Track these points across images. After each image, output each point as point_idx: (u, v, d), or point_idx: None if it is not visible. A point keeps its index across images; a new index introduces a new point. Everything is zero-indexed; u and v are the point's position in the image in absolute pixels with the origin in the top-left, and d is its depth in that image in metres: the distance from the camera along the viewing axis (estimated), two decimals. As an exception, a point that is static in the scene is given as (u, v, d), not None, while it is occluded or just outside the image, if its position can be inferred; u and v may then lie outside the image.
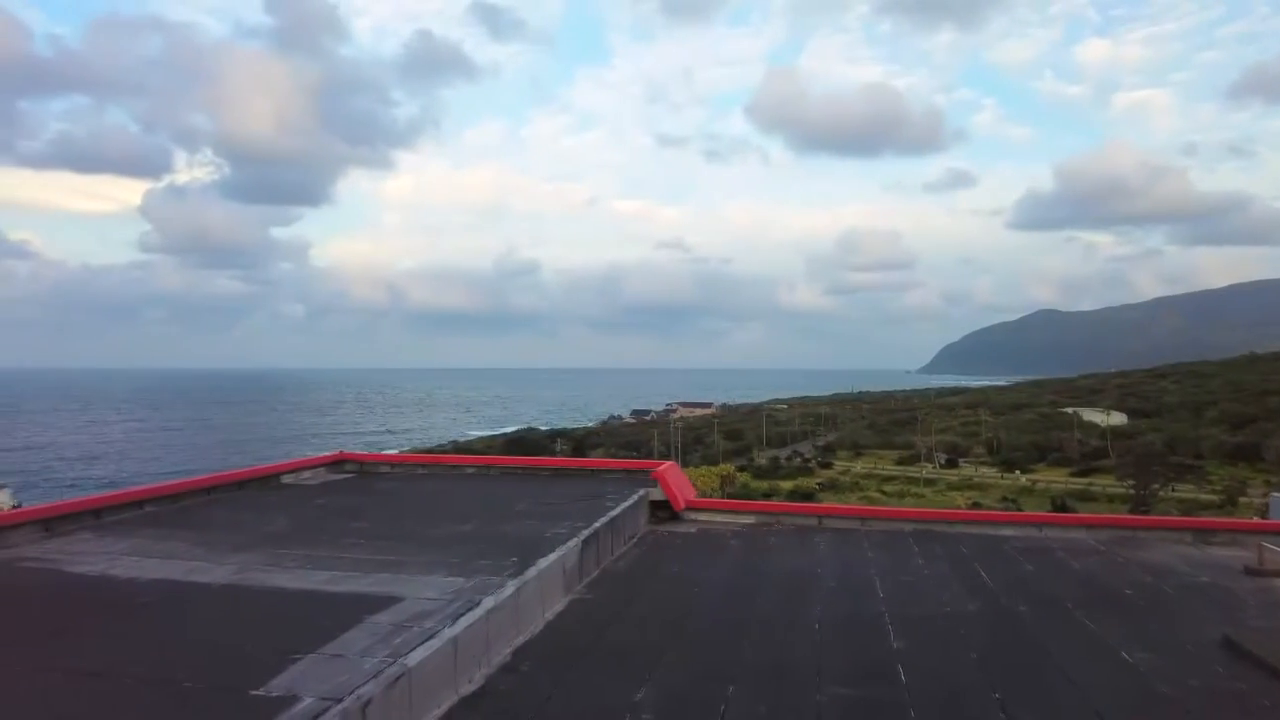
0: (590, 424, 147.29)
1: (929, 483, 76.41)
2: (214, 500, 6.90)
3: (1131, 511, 48.85)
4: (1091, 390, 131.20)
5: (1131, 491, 60.99)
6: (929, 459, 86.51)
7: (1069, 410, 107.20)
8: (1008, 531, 6.98)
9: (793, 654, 4.07)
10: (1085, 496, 64.78)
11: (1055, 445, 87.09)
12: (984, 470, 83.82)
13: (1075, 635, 4.40)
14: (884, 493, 70.40)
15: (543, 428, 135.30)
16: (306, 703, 2.77)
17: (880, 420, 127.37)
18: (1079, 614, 4.73)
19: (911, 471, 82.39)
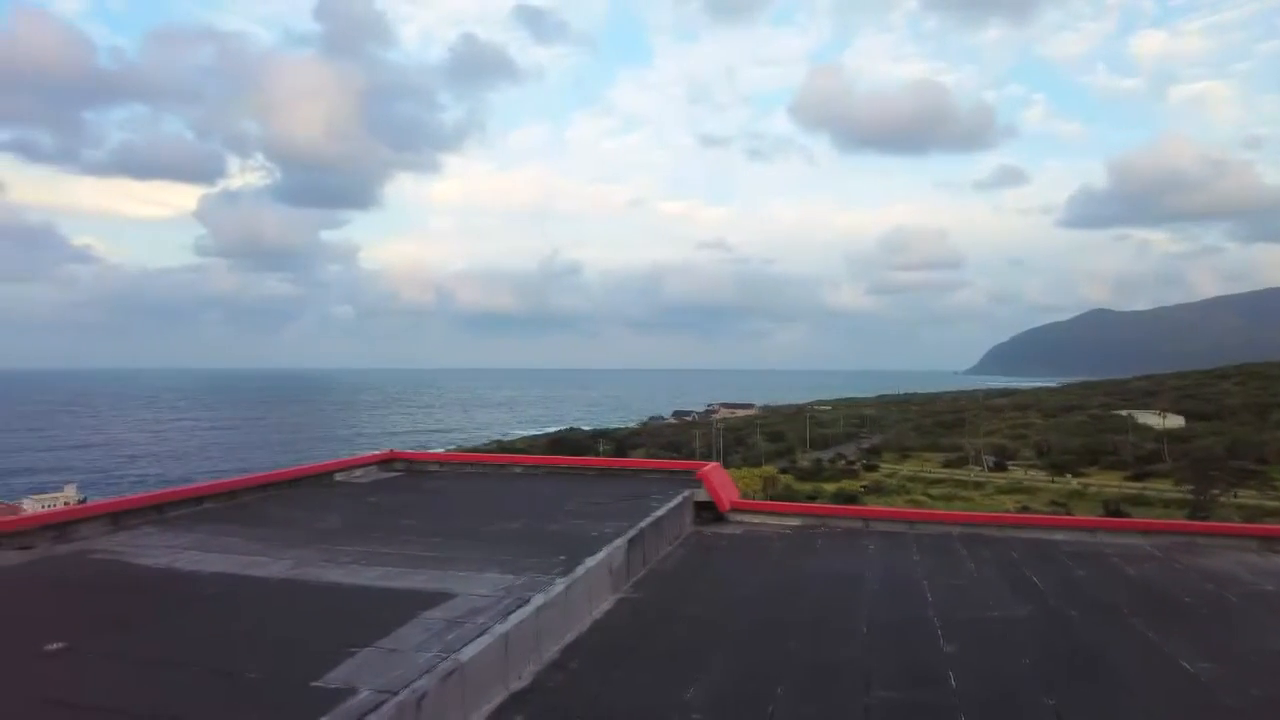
0: (632, 424, 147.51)
1: (977, 486, 75.03)
2: (270, 497, 7.10)
3: (1190, 518, 47.36)
4: (1146, 392, 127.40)
5: (1190, 497, 59.14)
6: (977, 462, 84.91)
7: (1122, 412, 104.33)
8: (1059, 536, 6.84)
9: (840, 656, 4.05)
10: (1140, 501, 62.99)
11: (1108, 448, 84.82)
12: (1033, 473, 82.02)
13: (1132, 643, 4.30)
14: (930, 496, 69.34)
15: (585, 428, 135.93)
16: (364, 695, 2.84)
17: (926, 422, 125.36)
18: (1136, 621, 4.61)
19: (959, 474, 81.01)
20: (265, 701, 2.84)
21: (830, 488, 68.16)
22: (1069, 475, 77.01)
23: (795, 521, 7.25)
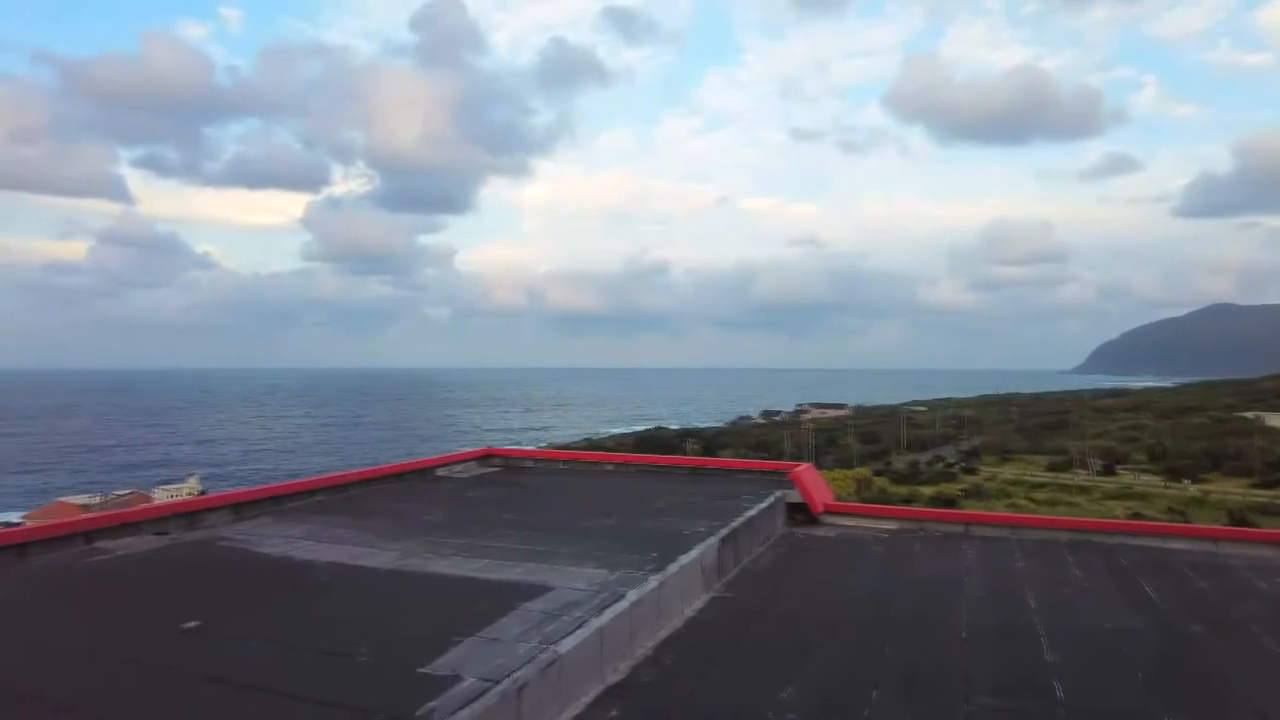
0: (719, 424, 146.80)
1: (1083, 490, 71.42)
2: (376, 491, 7.44)
3: (1326, 528, 43.68)
4: (1276, 393, 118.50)
5: (1326, 506, 54.66)
6: (1083, 465, 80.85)
7: (1249, 414, 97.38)
8: (1176, 545, 6.46)
9: (939, 662, 3.96)
10: (1269, 511, 58.55)
11: (1232, 453, 79.25)
12: (1146, 478, 77.51)
13: (1262, 662, 4.03)
14: (1033, 500, 66.38)
15: (672, 426, 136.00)
16: (468, 682, 2.97)
17: (1029, 423, 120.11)
18: (1267, 639, 4.32)
19: (1064, 478, 77.31)
20: (377, 685, 3.00)
21: (927, 491, 66.09)
22: (1187, 481, 72.40)
23: (891, 525, 7.11)
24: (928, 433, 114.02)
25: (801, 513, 7.16)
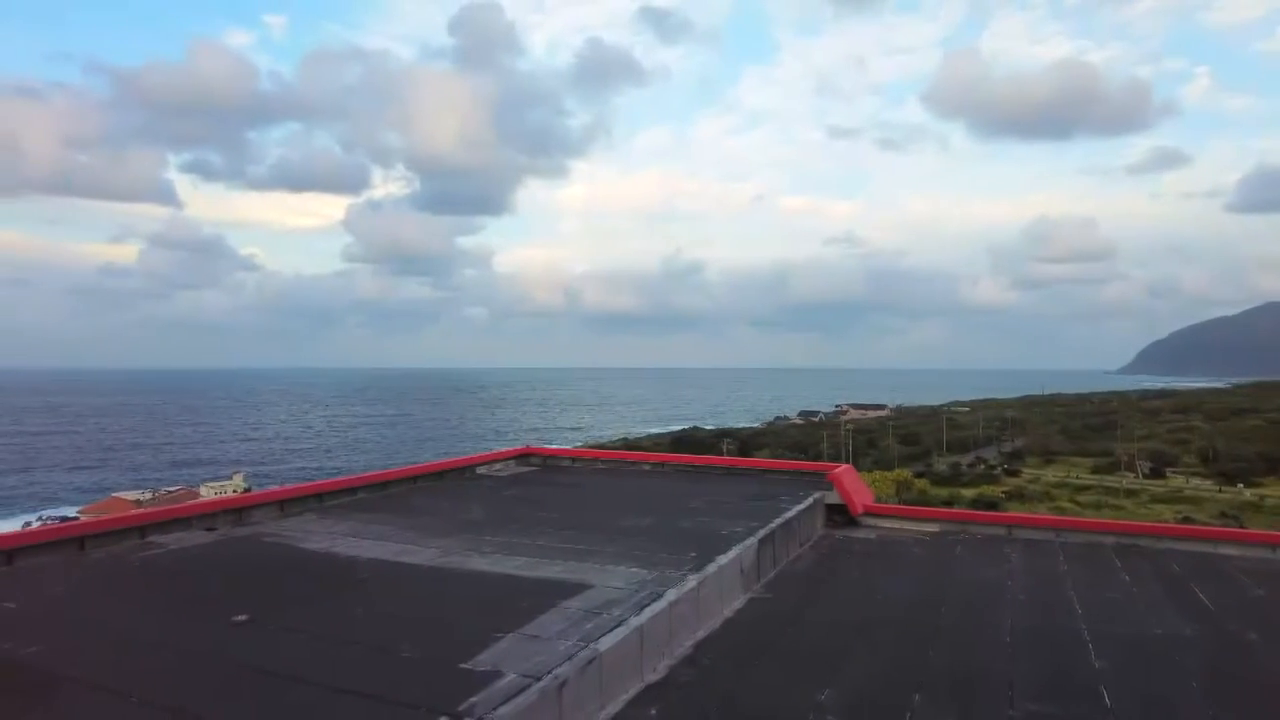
0: (756, 424, 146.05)
1: (1130, 494, 69.78)
2: (417, 488, 7.55)
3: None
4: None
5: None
6: (1130, 468, 78.96)
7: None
8: (1230, 550, 6.27)
9: (982, 665, 3.90)
10: (1328, 516, 56.65)
11: (1288, 456, 76.73)
12: (1196, 482, 75.41)
13: None
14: (1078, 503, 65.05)
15: (707, 426, 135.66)
16: (509, 678, 3.00)
17: (1074, 425, 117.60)
18: None
19: (1109, 481, 75.60)
20: (420, 679, 3.05)
21: (969, 493, 65.08)
22: (1241, 485, 70.27)
23: (933, 527, 7.02)
24: (969, 434, 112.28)
25: (841, 514, 7.10)
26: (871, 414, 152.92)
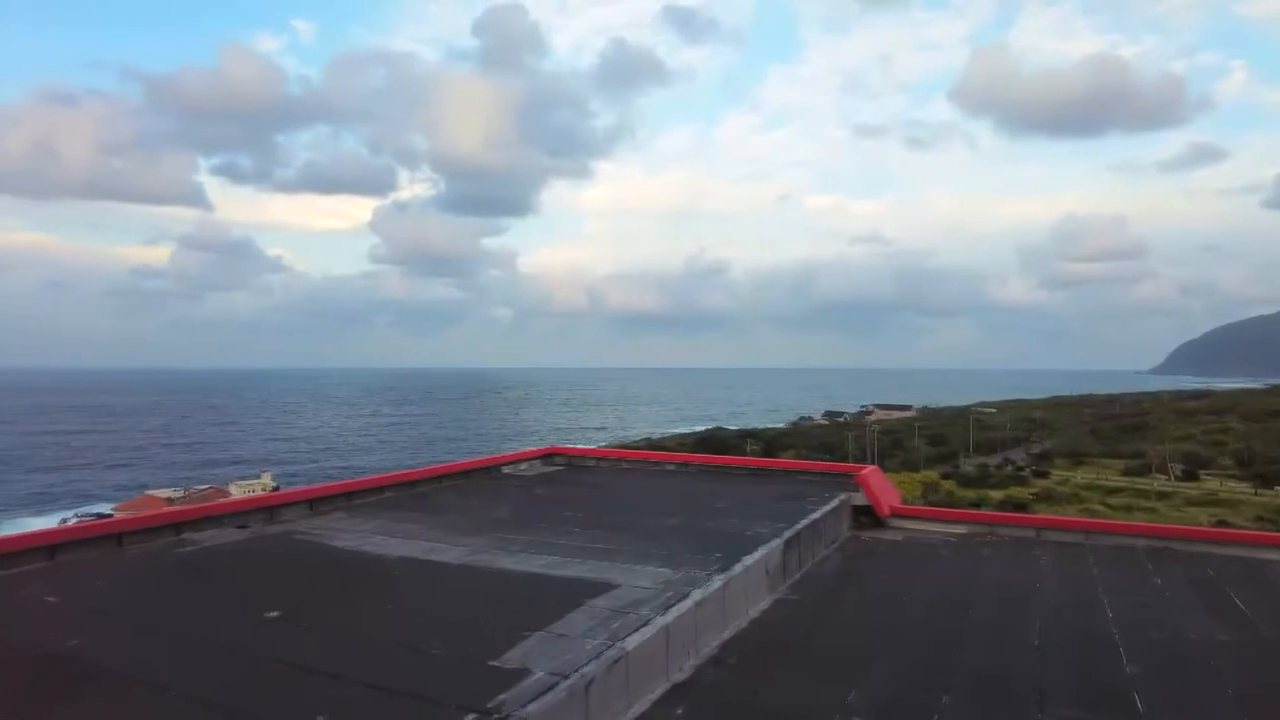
0: (780, 425, 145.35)
1: (1162, 496, 68.56)
2: (444, 487, 7.62)
3: None
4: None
5: None
6: (1163, 470, 77.58)
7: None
8: (1269, 555, 6.14)
9: (1011, 669, 3.86)
10: (1370, 520, 55.26)
11: (1329, 459, 74.99)
12: (1232, 485, 73.91)
13: None
14: (1109, 506, 64.04)
15: (731, 427, 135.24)
16: (538, 676, 3.03)
17: (1104, 426, 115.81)
18: None
19: (1141, 483, 74.32)
20: (450, 676, 3.08)
21: (996, 495, 64.34)
22: (1278, 488, 68.75)
23: (960, 529, 6.96)
24: (997, 435, 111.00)
25: (867, 516, 7.06)
26: (897, 414, 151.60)
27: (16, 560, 4.67)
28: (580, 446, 10.66)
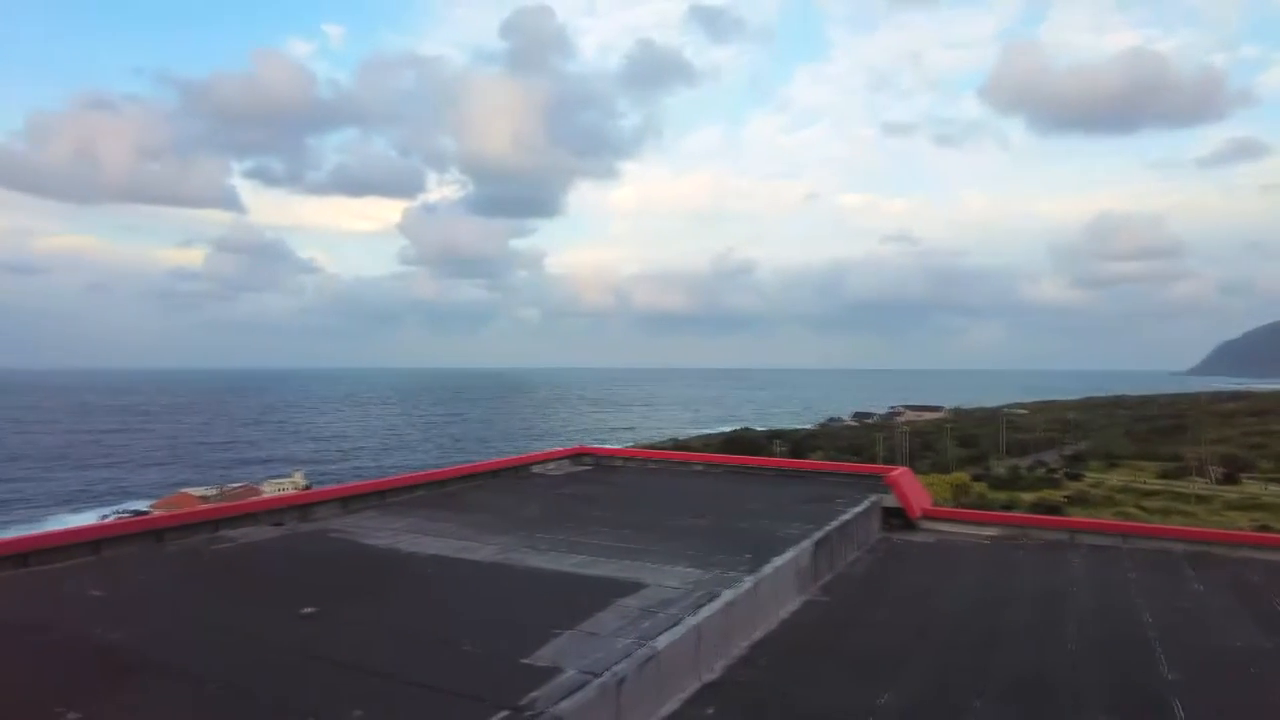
0: (809, 426, 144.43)
1: (1201, 500, 67.12)
2: (475, 486, 7.69)
3: None
4: None
5: None
6: (1201, 473, 75.96)
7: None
8: None
9: (1045, 674, 3.82)
10: None
11: (1375, 462, 72.99)
12: (1275, 489, 72.17)
13: None
14: (1144, 509, 62.80)
15: (758, 428, 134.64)
16: (569, 674, 3.05)
17: (1140, 428, 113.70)
18: None
19: (1178, 486, 72.82)
20: (482, 673, 3.12)
21: (1029, 498, 63.39)
22: (1323, 492, 67.06)
23: (992, 531, 6.88)
24: (1029, 436, 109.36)
25: (898, 518, 7.01)
26: (928, 415, 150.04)
27: (63, 555, 4.80)
28: (608, 446, 10.69)
